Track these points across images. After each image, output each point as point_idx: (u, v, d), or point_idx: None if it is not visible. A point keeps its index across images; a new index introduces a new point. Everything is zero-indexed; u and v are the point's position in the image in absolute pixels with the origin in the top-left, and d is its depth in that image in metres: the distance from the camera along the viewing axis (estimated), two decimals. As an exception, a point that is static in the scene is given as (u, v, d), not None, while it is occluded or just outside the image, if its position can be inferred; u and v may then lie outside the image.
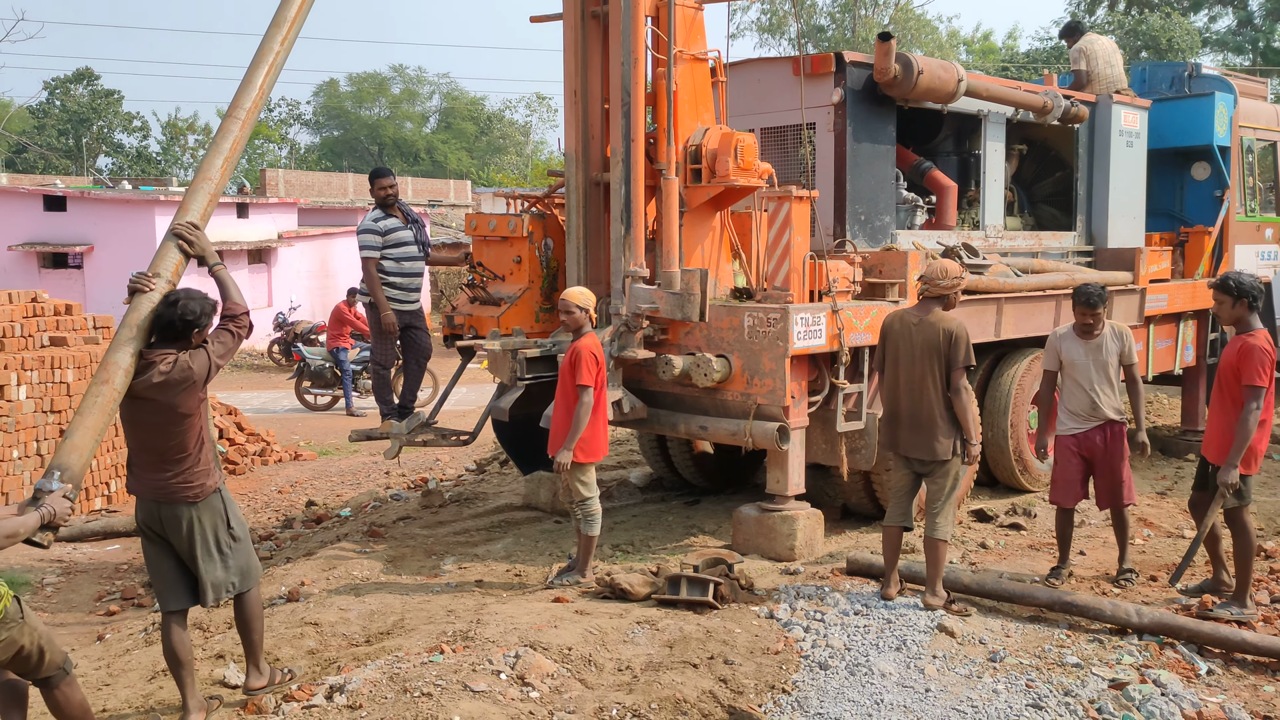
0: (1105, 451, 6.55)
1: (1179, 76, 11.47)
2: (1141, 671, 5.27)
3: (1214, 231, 11.02)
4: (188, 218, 5.11)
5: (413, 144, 61.51)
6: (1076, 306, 6.55)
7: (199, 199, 5.19)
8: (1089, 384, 6.51)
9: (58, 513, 4.19)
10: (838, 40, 42.62)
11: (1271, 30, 38.41)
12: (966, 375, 6.04)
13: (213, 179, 5.25)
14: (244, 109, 5.44)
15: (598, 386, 6.39)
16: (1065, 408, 6.63)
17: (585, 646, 5.21)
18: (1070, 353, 6.56)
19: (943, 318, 6.06)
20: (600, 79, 7.73)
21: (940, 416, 6.02)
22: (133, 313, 4.78)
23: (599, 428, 6.48)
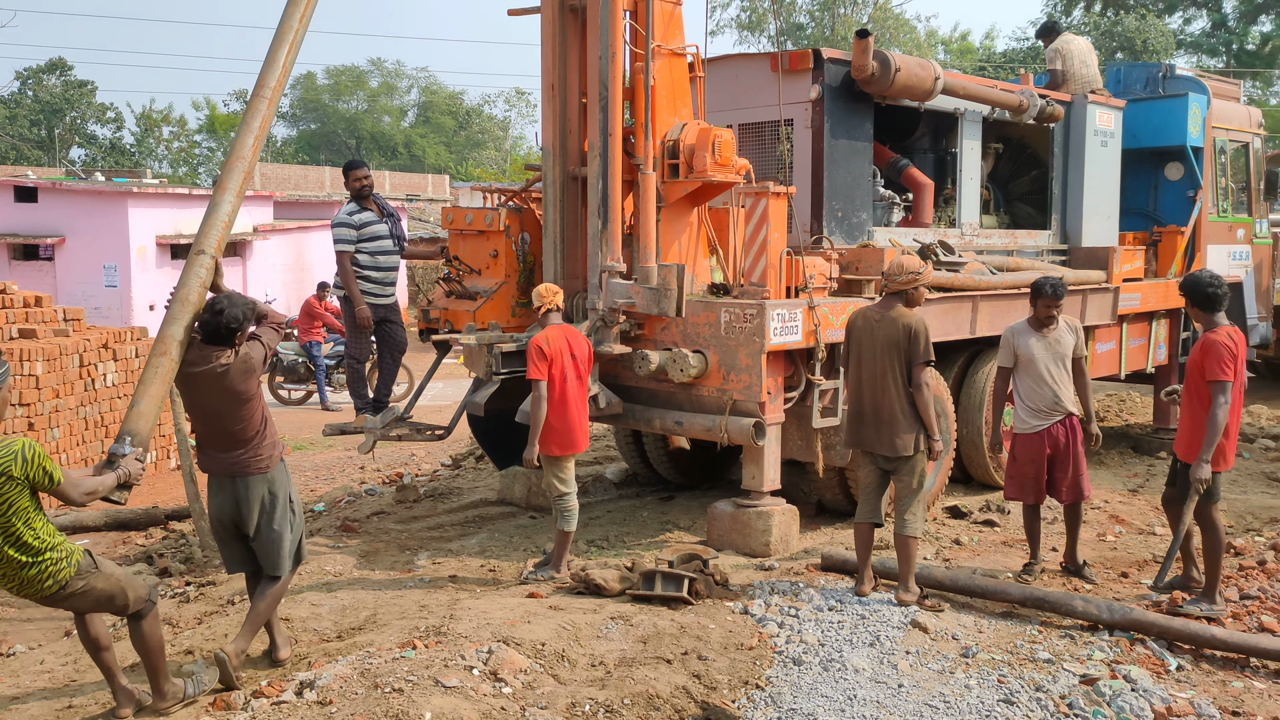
0: (1066, 446, 6.59)
1: (1153, 77, 11.55)
2: (1112, 667, 5.30)
3: (1187, 231, 11.10)
4: (225, 194, 5.47)
5: (390, 138, 61.20)
6: (1042, 298, 6.57)
7: (234, 177, 5.53)
8: (1050, 378, 6.54)
9: (132, 473, 4.71)
10: (817, 38, 42.71)
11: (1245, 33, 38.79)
12: (929, 370, 6.04)
13: (245, 157, 5.58)
14: (269, 87, 5.72)
15: (557, 379, 6.37)
16: (1026, 405, 6.63)
17: (559, 642, 5.19)
18: (1028, 348, 6.57)
19: (903, 314, 6.06)
20: (578, 73, 7.70)
21: (902, 412, 6.03)
22: (182, 289, 5.17)
23: (571, 420, 6.45)
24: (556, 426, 6.41)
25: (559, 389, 6.40)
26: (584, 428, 6.59)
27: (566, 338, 6.48)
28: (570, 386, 6.45)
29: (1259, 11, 37.66)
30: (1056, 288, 6.55)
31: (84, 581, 4.50)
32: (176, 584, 6.97)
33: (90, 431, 10.54)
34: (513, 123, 68.16)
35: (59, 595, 4.49)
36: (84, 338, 10.71)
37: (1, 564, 4.34)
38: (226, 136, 59.02)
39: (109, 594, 4.59)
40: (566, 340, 6.47)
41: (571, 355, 6.47)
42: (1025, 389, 6.63)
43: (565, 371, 6.41)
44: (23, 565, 4.34)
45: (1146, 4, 38.57)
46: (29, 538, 4.33)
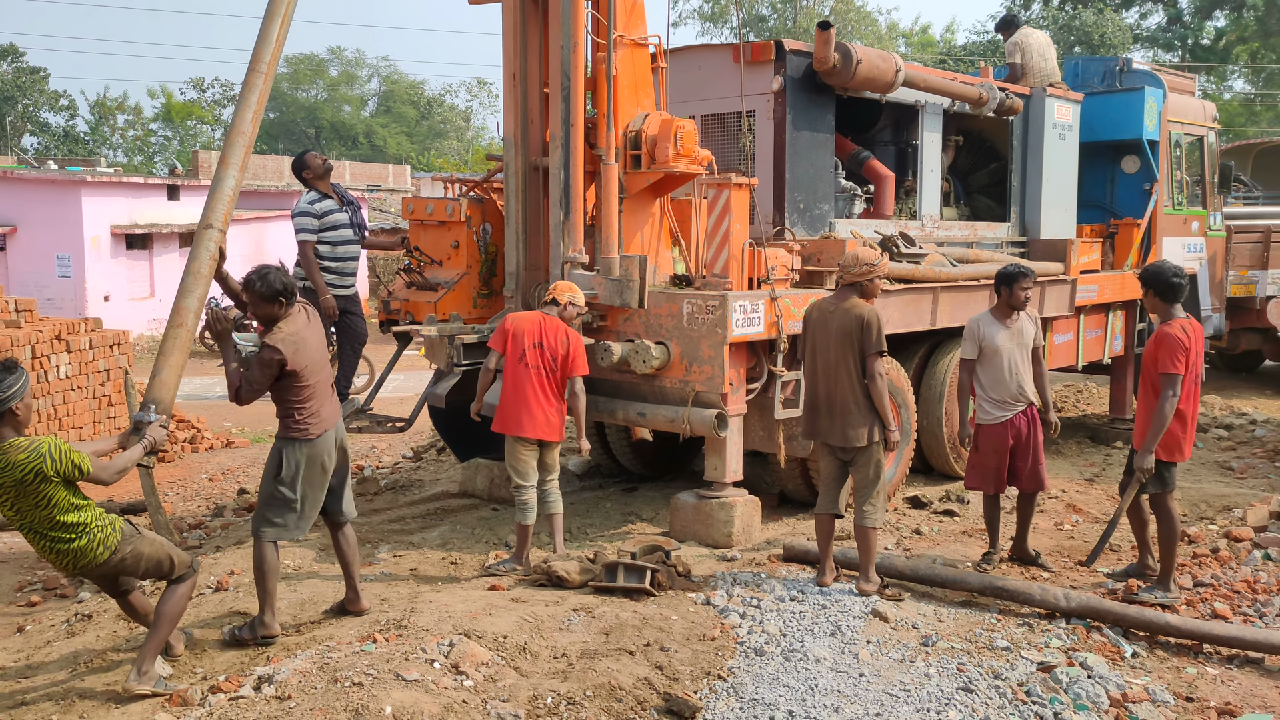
0: (1028, 436, 6.66)
1: (1110, 71, 11.68)
2: (1069, 654, 5.36)
3: (1143, 224, 11.24)
4: (229, 169, 5.67)
5: (351, 128, 60.65)
6: (1016, 283, 6.60)
7: (236, 152, 5.73)
8: (1013, 368, 6.60)
9: (158, 440, 5.07)
10: (779, 30, 42.81)
11: (1200, 28, 39.35)
12: (883, 360, 6.03)
13: (245, 132, 5.78)
14: (264, 62, 5.88)
15: (510, 358, 6.45)
16: (989, 396, 6.67)
17: (520, 634, 5.18)
18: (994, 338, 6.62)
19: (856, 304, 6.07)
20: (540, 63, 7.65)
21: (855, 403, 6.04)
22: (193, 262, 5.49)
23: (513, 400, 6.46)
24: (501, 403, 6.51)
25: (510, 368, 6.44)
26: (531, 414, 6.43)
27: (541, 324, 6.45)
28: (519, 370, 6.42)
29: (1213, 7, 38.22)
30: (1029, 270, 6.64)
31: (131, 546, 4.80)
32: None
33: (43, 425, 10.36)
34: (475, 113, 67.86)
35: (111, 561, 4.76)
36: (36, 329, 10.52)
37: (56, 545, 4.65)
38: (183, 125, 58.26)
39: (156, 559, 4.90)
40: (540, 326, 6.45)
41: (538, 343, 6.43)
42: (989, 380, 6.66)
43: (521, 353, 6.42)
44: (71, 540, 4.64)
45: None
46: (73, 518, 4.63)
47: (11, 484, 4.50)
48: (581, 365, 6.53)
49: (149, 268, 23.56)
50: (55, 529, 4.62)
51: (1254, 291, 15.21)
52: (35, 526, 4.63)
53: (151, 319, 23.29)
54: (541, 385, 6.45)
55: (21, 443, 4.52)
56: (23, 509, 4.57)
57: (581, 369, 6.53)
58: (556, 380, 6.50)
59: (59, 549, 4.67)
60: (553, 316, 6.54)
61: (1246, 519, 7.35)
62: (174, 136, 58.88)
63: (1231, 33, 38.29)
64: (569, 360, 6.48)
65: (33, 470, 4.47)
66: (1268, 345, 16.00)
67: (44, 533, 4.64)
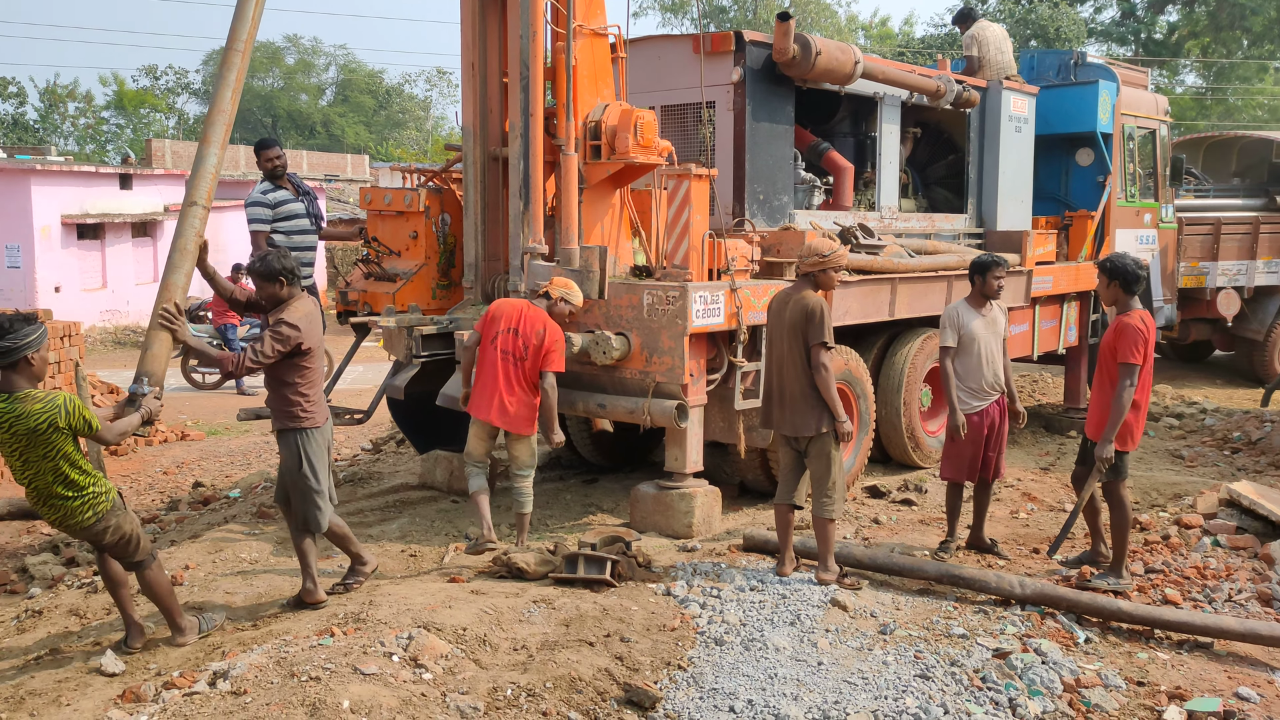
0: (1000, 426, 6.75)
1: (1065, 64, 11.81)
2: (1024, 641, 5.43)
3: (1096, 216, 11.39)
4: (210, 146, 5.79)
5: (308, 117, 59.95)
6: (989, 271, 6.68)
7: (217, 130, 5.84)
8: (990, 356, 6.67)
9: (153, 411, 5.29)
10: (739, 21, 42.86)
11: (1153, 22, 39.89)
12: (830, 352, 6.00)
13: (225, 110, 5.90)
14: (241, 40, 5.97)
15: (485, 340, 6.46)
16: (965, 386, 6.72)
17: (480, 626, 5.16)
18: (971, 328, 6.67)
19: (805, 295, 6.07)
20: (499, 52, 7.61)
21: (802, 394, 6.06)
22: (179, 238, 5.64)
23: (478, 383, 6.47)
24: (473, 385, 6.54)
25: (482, 351, 6.44)
26: (488, 398, 6.40)
27: (522, 312, 6.42)
28: (489, 352, 6.40)
29: (1166, 2, 38.76)
30: (1000, 261, 6.72)
31: (115, 519, 5.04)
32: (84, 574, 6.76)
33: None
34: (434, 102, 67.28)
35: (95, 527, 4.99)
36: (-16, 320, 10.32)
37: (52, 499, 4.90)
38: (136, 113, 57.27)
39: (128, 536, 5.10)
40: (520, 313, 6.41)
41: (513, 329, 6.36)
42: (965, 369, 6.71)
43: (495, 336, 6.40)
44: (68, 499, 4.90)
45: (1059, -7, 39.42)
46: (75, 475, 4.87)
47: (25, 432, 4.72)
48: (555, 361, 6.41)
49: (101, 258, 23.17)
50: (58, 483, 4.86)
51: (1204, 283, 15.47)
52: (37, 479, 4.84)
53: (104, 310, 22.91)
54: (507, 372, 6.38)
55: (38, 394, 4.76)
56: (30, 459, 4.79)
57: (555, 364, 6.41)
58: (525, 370, 6.39)
59: (54, 503, 4.91)
60: (537, 307, 6.49)
61: (1196, 506, 7.47)
62: (126, 125, 57.88)
63: (1183, 28, 38.86)
64: (541, 352, 6.37)
65: (47, 420, 4.71)
66: (1217, 336, 16.28)
67: (45, 486, 4.86)
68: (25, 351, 4.72)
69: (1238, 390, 15.22)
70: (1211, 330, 16.10)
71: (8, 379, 4.74)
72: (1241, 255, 15.60)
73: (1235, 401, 13.82)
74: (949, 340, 6.74)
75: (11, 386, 4.74)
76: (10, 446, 4.78)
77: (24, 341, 4.71)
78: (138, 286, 23.89)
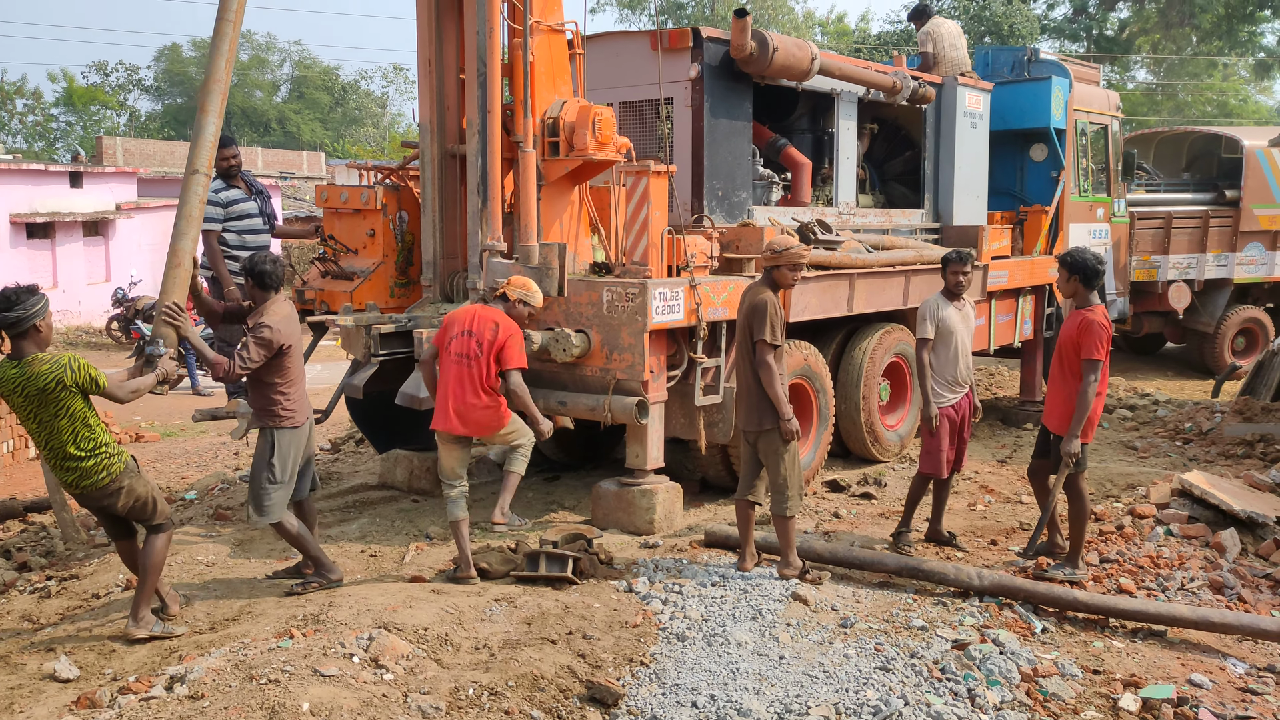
0: (967, 417, 6.84)
1: (1019, 61, 11.93)
2: (982, 632, 5.49)
3: (1051, 210, 11.53)
4: (208, 116, 5.99)
5: (263, 113, 59.24)
6: (949, 266, 6.76)
7: (213, 99, 6.05)
8: (963, 349, 6.74)
9: (170, 371, 5.56)
10: (697, 17, 42.89)
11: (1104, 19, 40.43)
12: (769, 349, 5.95)
13: (220, 80, 6.10)
14: (232, 10, 6.15)
15: (440, 349, 6.15)
16: (940, 379, 6.77)
17: (441, 626, 5.13)
18: (948, 320, 6.72)
19: (758, 292, 6.08)
20: (455, 49, 7.56)
21: (749, 389, 6.10)
22: (184, 206, 5.90)
23: (439, 393, 6.16)
24: (435, 397, 6.19)
25: (440, 359, 6.12)
26: (446, 406, 6.06)
27: (474, 314, 6.09)
28: (445, 359, 6.06)
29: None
30: (964, 256, 6.78)
31: (129, 480, 5.26)
32: (37, 579, 6.65)
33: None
34: (391, 99, 66.77)
35: (109, 487, 5.20)
36: (-70, 322, 10.11)
37: (68, 461, 5.12)
38: (86, 110, 56.32)
39: (143, 499, 5.32)
40: (472, 315, 6.08)
41: (466, 330, 6.02)
42: (941, 362, 6.75)
43: (449, 343, 6.06)
44: (82, 458, 5.11)
45: (1013, -10, 39.84)
46: (86, 434, 5.10)
47: (35, 392, 4.98)
48: (514, 358, 6.02)
49: (51, 257, 22.78)
50: (70, 442, 5.08)
51: (1156, 276, 15.73)
52: (52, 440, 5.08)
53: (54, 310, 22.46)
54: (460, 375, 6.01)
55: (45, 356, 5.02)
56: (44, 419, 5.04)
57: (514, 361, 6.02)
58: (482, 370, 5.99)
59: (69, 465, 5.12)
60: (492, 308, 6.16)
61: (1149, 496, 7.59)
62: (76, 122, 56.90)
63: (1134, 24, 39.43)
64: (495, 347, 5.99)
65: (54, 379, 4.96)
66: (1169, 328, 16.57)
67: (60, 446, 5.08)
68: (34, 320, 5.01)
69: (1189, 382, 15.50)
70: (1163, 323, 16.37)
71: (18, 346, 5.03)
72: (1192, 249, 15.88)
73: (1186, 393, 14.07)
74: (927, 332, 6.75)
75: (21, 353, 5.02)
76: (25, 410, 5.05)
77: (32, 310, 5.00)
78: (89, 286, 23.51)
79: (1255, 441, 9.64)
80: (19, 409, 5.08)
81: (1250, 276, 16.18)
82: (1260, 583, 6.37)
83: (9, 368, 5.02)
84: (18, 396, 5.02)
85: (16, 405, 5.06)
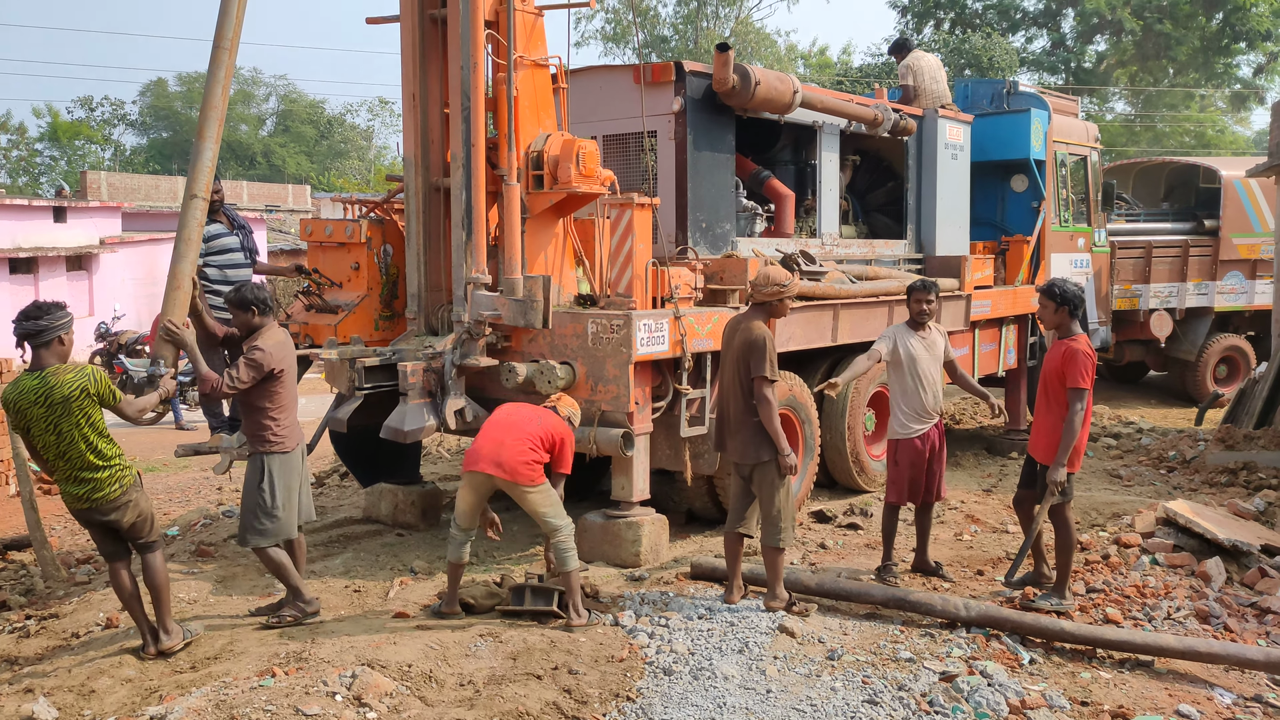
0: (939, 449, 6.83)
1: (998, 93, 12.07)
2: (970, 663, 5.47)
3: (1032, 240, 11.62)
4: (205, 142, 6.27)
5: (248, 147, 59.29)
6: (912, 295, 6.78)
7: (210, 125, 6.30)
8: (929, 379, 6.75)
9: (170, 390, 5.77)
10: (680, 51, 43.22)
11: (1082, 52, 40.90)
12: (768, 384, 5.96)
13: (217, 106, 6.35)
14: (227, 38, 6.36)
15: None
16: (908, 409, 6.78)
17: (425, 662, 5.08)
18: (912, 349, 6.74)
19: (753, 325, 6.09)
20: (440, 83, 7.59)
21: (744, 423, 6.09)
22: (183, 230, 6.17)
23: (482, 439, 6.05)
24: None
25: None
26: (494, 449, 5.92)
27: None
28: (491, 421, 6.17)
29: (1094, 32, 39.74)
30: (927, 285, 6.81)
31: (136, 494, 5.41)
32: (15, 618, 6.57)
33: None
34: (376, 132, 66.87)
35: (119, 501, 5.33)
36: (-90, 358, 10.04)
37: (83, 472, 5.23)
38: (71, 145, 56.27)
39: (144, 515, 5.48)
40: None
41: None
42: (906, 392, 6.77)
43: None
44: (98, 469, 5.24)
45: (991, 23, 40.31)
46: (103, 445, 5.24)
47: (59, 401, 5.10)
48: (567, 463, 6.15)
49: (34, 293, 22.65)
50: (90, 451, 5.20)
51: (1137, 305, 15.85)
52: (70, 450, 5.17)
53: (37, 345, 22.37)
54: (514, 423, 6.04)
55: (68, 366, 5.21)
56: (64, 429, 5.14)
57: (566, 467, 6.15)
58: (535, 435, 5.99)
59: (84, 477, 5.23)
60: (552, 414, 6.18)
61: (1135, 525, 7.60)
62: (61, 157, 56.82)
63: (1111, 57, 39.88)
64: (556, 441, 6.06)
65: (79, 387, 5.12)
66: (1151, 356, 16.66)
67: (78, 458, 5.20)
68: (58, 332, 5.23)
69: (1172, 410, 15.56)
70: (1145, 351, 16.47)
71: (39, 357, 5.21)
72: (1172, 278, 16.01)
73: (1170, 421, 14.13)
74: (880, 348, 6.77)
75: (42, 364, 5.20)
76: (45, 421, 5.13)
77: (58, 323, 5.24)
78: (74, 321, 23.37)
79: (1239, 469, 9.68)
80: (38, 421, 5.14)
81: (1231, 305, 16.31)
82: (1246, 612, 6.37)
83: (29, 379, 5.17)
84: (39, 407, 5.12)
85: (36, 417, 5.13)
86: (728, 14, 45.21)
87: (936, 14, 41.29)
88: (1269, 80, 39.31)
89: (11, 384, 5.25)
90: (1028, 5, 41.88)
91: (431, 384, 7.07)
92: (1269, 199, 15.74)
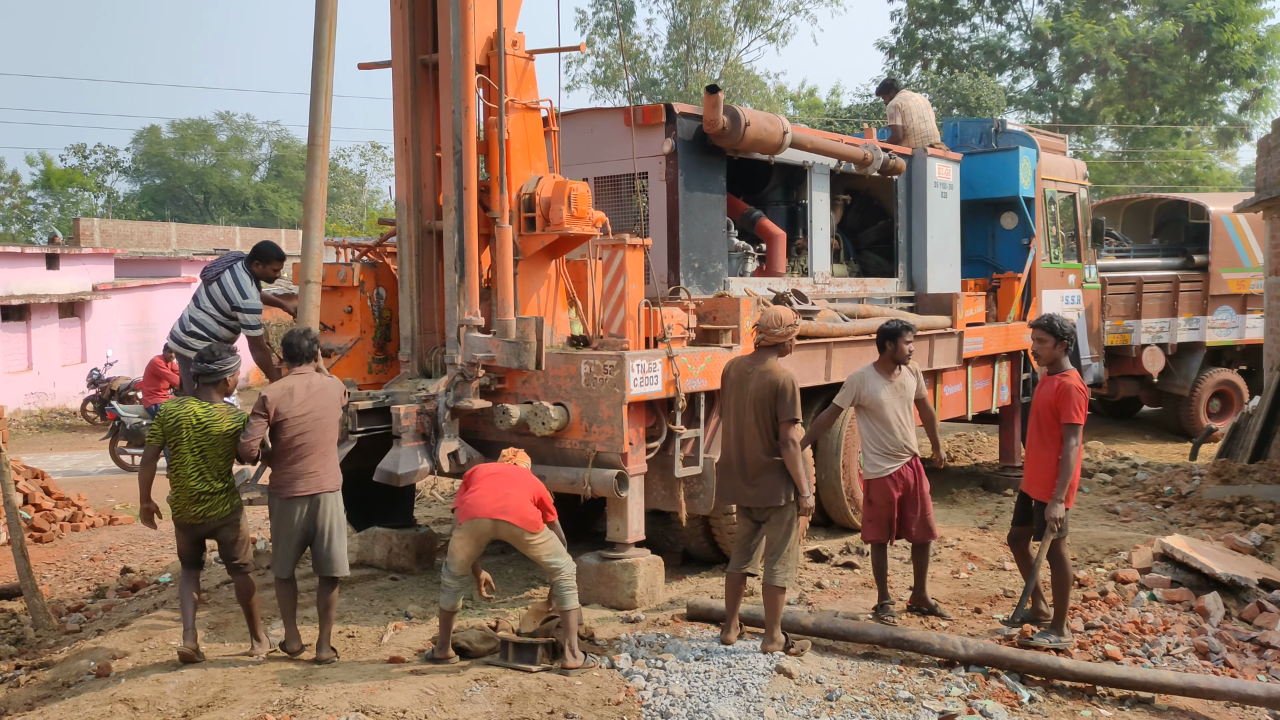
0: (915, 486, 6.79)
1: (986, 132, 12.18)
2: (969, 703, 5.42)
3: (1023, 277, 11.67)
4: (313, 232, 7.00)
5: (241, 192, 59.54)
6: (900, 337, 6.71)
7: (315, 216, 7.04)
8: (898, 420, 6.73)
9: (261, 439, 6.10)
10: (670, 94, 43.62)
11: (1068, 91, 41.37)
12: (796, 427, 6.05)
13: (318, 200, 7.04)
14: (320, 135, 6.96)
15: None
16: (878, 448, 6.77)
17: (421, 708, 5.03)
18: (877, 392, 6.73)
19: (774, 368, 6.11)
20: (431, 127, 7.65)
21: (768, 466, 6.08)
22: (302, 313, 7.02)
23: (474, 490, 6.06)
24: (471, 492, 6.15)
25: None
26: (496, 495, 5.97)
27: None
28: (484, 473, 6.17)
29: (1080, 71, 40.22)
30: (909, 326, 6.79)
31: (241, 516, 6.12)
32: (6, 668, 6.50)
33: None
34: (369, 176, 67.21)
35: (231, 518, 6.04)
36: (-99, 406, 10.00)
37: (207, 491, 5.92)
38: (64, 192, 56.44)
39: (244, 535, 6.16)
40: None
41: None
42: (875, 433, 6.78)
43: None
44: (220, 490, 5.95)
45: (978, 63, 40.80)
46: (226, 471, 5.99)
47: (219, 434, 5.88)
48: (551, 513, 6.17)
49: (26, 340, 22.64)
50: (219, 477, 5.92)
51: (1129, 340, 15.91)
52: (208, 471, 5.87)
53: (29, 393, 22.31)
54: (511, 477, 6.12)
55: (224, 407, 5.99)
56: (209, 455, 5.88)
57: (551, 515, 6.16)
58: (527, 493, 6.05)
59: (207, 494, 5.90)
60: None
61: (1132, 561, 7.58)
62: (54, 204, 56.99)
63: (1098, 95, 40.31)
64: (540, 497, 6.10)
65: (234, 430, 5.90)
66: (1145, 392, 16.71)
67: (211, 478, 5.89)
68: (226, 375, 6.01)
69: (1166, 444, 15.58)
70: (1139, 386, 16.51)
71: (206, 392, 5.99)
72: (1164, 313, 16.09)
73: (1164, 456, 14.14)
74: (842, 401, 6.81)
75: (210, 398, 5.96)
76: (198, 445, 5.86)
77: (228, 367, 6.01)
78: (64, 368, 23.33)
79: (1235, 504, 9.67)
80: (190, 441, 5.85)
81: (1222, 339, 16.39)
82: (1245, 647, 6.34)
83: (197, 405, 5.92)
84: (195, 431, 5.85)
85: (188, 437, 5.85)
86: (717, 56, 45.66)
87: (924, 55, 41.83)
88: (1254, 116, 39.73)
89: (177, 402, 5.97)
90: (1014, 45, 42.42)
91: (425, 427, 7.06)
92: (1257, 234, 15.85)
